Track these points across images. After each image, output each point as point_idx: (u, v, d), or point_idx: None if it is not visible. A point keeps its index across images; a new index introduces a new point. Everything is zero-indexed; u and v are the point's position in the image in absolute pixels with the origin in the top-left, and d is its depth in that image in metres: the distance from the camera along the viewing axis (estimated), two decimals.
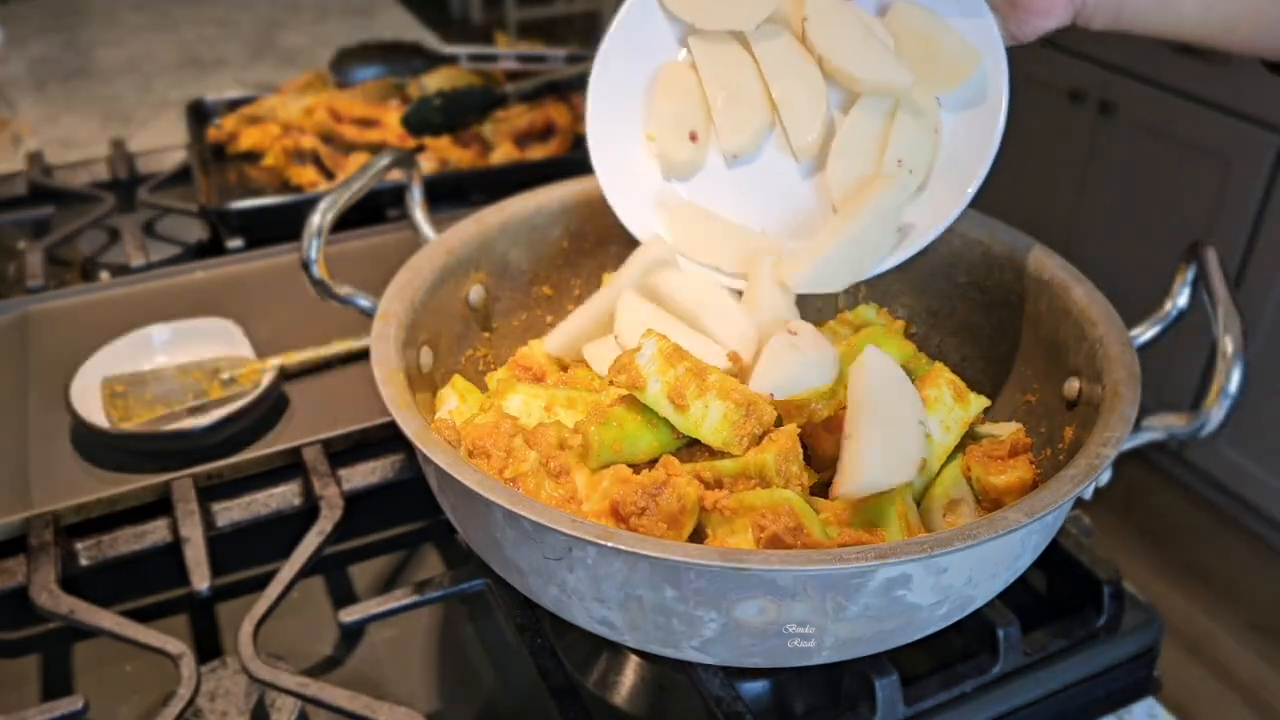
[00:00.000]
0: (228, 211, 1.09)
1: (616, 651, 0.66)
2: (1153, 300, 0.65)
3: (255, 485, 0.77)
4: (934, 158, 0.69)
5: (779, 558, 0.46)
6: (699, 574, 0.48)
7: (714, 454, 0.59)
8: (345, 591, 0.74)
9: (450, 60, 1.29)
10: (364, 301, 0.67)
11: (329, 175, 1.16)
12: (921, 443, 0.58)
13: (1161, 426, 0.56)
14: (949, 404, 0.62)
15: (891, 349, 0.65)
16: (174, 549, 0.71)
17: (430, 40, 1.61)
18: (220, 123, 1.24)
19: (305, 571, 0.68)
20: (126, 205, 1.19)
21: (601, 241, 0.79)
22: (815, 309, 0.76)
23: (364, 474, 0.78)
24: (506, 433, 0.59)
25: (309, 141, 1.18)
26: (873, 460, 0.57)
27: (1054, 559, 0.70)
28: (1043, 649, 0.66)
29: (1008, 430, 0.65)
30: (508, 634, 0.68)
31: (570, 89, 1.26)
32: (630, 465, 0.58)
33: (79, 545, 0.72)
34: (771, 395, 0.60)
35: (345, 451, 0.79)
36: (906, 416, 0.59)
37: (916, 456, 0.57)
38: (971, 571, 0.52)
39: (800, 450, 0.58)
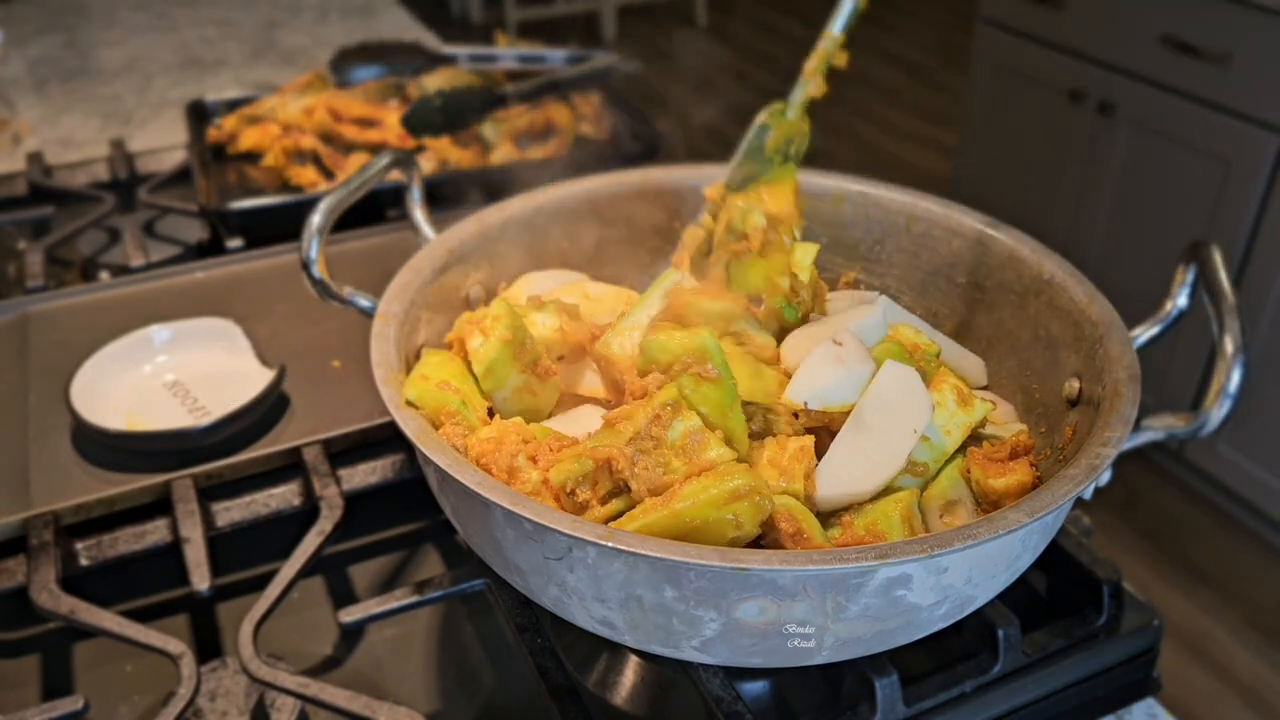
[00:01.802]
0: (228, 211, 1.09)
1: (616, 651, 0.66)
2: (1153, 300, 0.65)
3: (255, 485, 0.77)
4: None
5: (779, 557, 0.47)
6: (699, 574, 0.48)
7: None
8: (345, 591, 0.74)
9: (450, 60, 1.29)
10: (364, 301, 0.67)
11: (329, 175, 1.16)
12: (900, 461, 0.58)
13: (1161, 426, 0.56)
14: (952, 409, 0.62)
15: (898, 357, 0.64)
16: (174, 549, 0.71)
17: (430, 40, 1.61)
18: (220, 123, 1.24)
19: (305, 571, 0.68)
20: (126, 205, 1.18)
21: (601, 242, 0.79)
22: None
23: (364, 474, 0.78)
24: (509, 451, 0.59)
25: (309, 141, 1.18)
26: (837, 470, 0.57)
27: (1054, 559, 0.70)
28: (1043, 649, 0.65)
29: (1011, 431, 0.65)
30: (508, 634, 0.68)
31: (570, 89, 1.26)
32: None
33: (79, 545, 0.72)
34: (805, 404, 0.60)
35: (345, 451, 0.79)
36: (900, 432, 0.58)
37: (888, 472, 0.57)
38: (971, 571, 0.52)
39: (814, 460, 0.58)
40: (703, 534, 0.52)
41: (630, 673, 0.66)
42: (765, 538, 0.54)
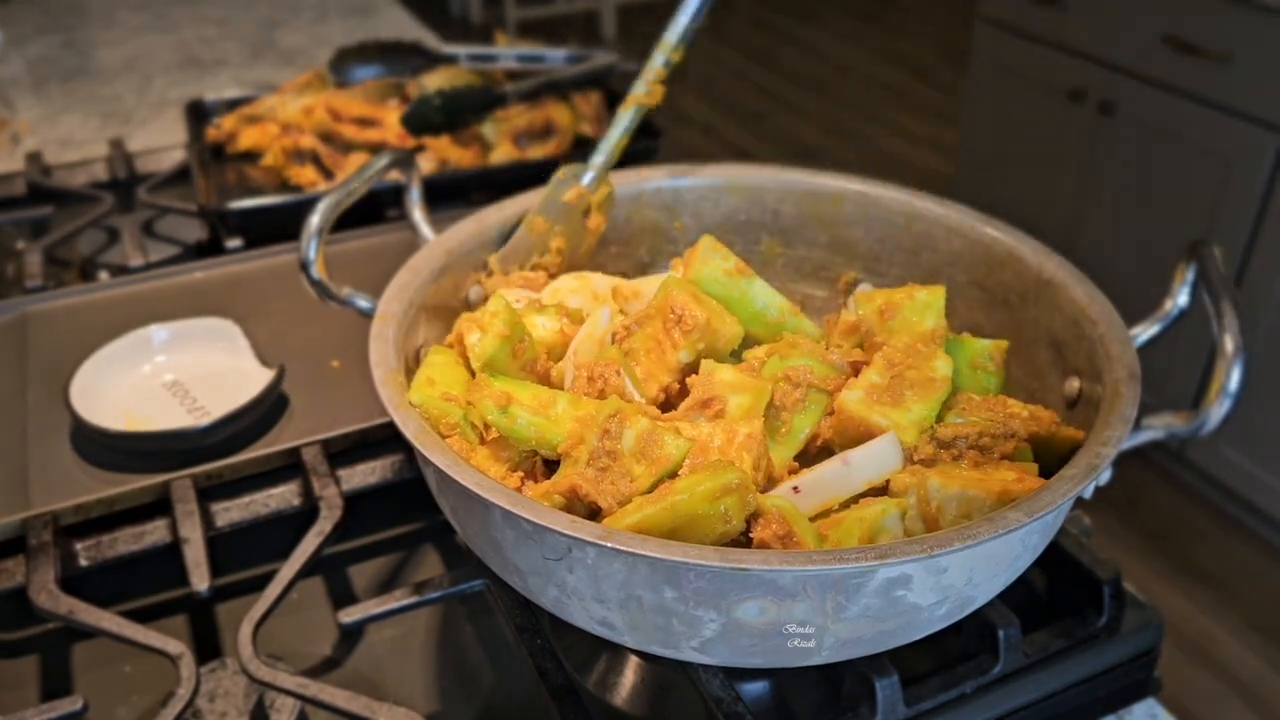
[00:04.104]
0: (227, 211, 1.09)
1: (616, 652, 0.66)
2: (1153, 300, 0.65)
3: (255, 485, 0.77)
4: None
5: (779, 558, 0.46)
6: (699, 574, 0.48)
7: None
8: (345, 592, 0.74)
9: (450, 60, 1.29)
10: (363, 302, 0.67)
11: (328, 175, 1.16)
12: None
13: (1161, 426, 0.56)
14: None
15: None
16: (173, 549, 0.71)
17: (430, 40, 1.61)
18: (219, 122, 1.24)
19: (305, 572, 0.68)
20: (125, 205, 1.18)
21: (601, 242, 0.79)
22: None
23: (364, 474, 0.78)
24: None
25: (308, 141, 1.18)
26: None
27: (1054, 559, 0.70)
28: (1043, 649, 0.65)
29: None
30: (507, 634, 0.68)
31: (570, 89, 1.26)
32: None
33: (78, 545, 0.72)
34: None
35: (345, 452, 0.79)
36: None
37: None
38: (971, 571, 0.52)
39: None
40: (696, 526, 0.52)
41: (630, 673, 0.66)
42: (745, 533, 0.54)
